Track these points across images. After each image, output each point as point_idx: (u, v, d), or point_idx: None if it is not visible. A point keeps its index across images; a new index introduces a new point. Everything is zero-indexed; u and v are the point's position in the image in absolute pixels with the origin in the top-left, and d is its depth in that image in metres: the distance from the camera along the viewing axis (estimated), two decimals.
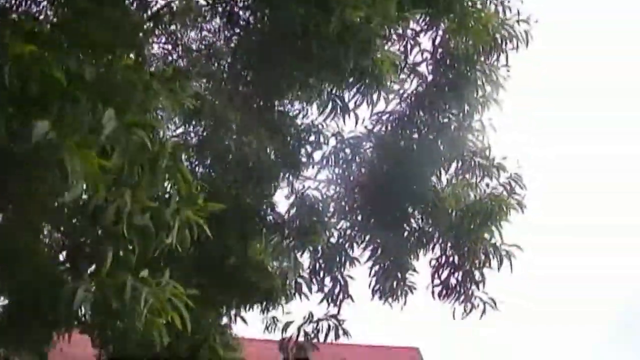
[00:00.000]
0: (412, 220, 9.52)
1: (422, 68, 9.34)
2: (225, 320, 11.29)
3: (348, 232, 9.76)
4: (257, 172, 9.44)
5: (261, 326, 10.80)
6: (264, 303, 10.46)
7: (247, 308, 10.61)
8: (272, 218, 9.83)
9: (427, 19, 8.96)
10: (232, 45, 9.14)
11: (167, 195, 5.33)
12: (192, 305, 5.48)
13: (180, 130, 10.07)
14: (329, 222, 9.80)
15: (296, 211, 9.75)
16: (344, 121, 9.37)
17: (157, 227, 5.04)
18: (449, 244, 9.23)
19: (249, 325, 11.01)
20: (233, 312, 10.85)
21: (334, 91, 9.09)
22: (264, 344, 11.85)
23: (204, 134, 9.97)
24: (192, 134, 10.17)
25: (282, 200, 10.03)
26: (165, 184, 5.41)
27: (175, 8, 8.99)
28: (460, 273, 9.17)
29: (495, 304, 9.10)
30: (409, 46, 9.21)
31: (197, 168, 9.81)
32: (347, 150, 9.65)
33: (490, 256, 8.97)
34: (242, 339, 13.01)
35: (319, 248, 9.71)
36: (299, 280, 9.86)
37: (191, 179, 5.45)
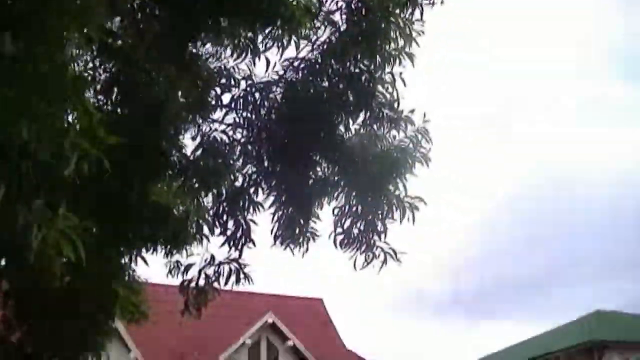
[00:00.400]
0: (318, 169, 9.55)
1: (337, 17, 9.34)
2: (126, 261, 11.19)
3: (253, 176, 9.74)
4: (165, 112, 9.30)
5: (164, 270, 10.73)
6: (168, 246, 10.41)
7: (150, 250, 10.53)
8: (177, 159, 9.73)
9: None
10: None
11: (66, 126, 5.22)
12: (90, 241, 5.40)
13: (89, 66, 9.82)
14: (234, 166, 9.78)
15: (201, 153, 9.69)
16: (254, 64, 9.38)
17: (54, 157, 4.94)
18: (353, 194, 9.28)
19: (152, 269, 10.97)
20: (135, 253, 10.76)
21: (247, 35, 9.05)
22: (167, 289, 11.78)
23: (113, 70, 9.76)
24: (101, 71, 9.95)
25: (188, 142, 9.95)
26: (66, 116, 5.31)
27: None
28: (363, 223, 9.24)
29: (395, 254, 9.21)
30: None
31: (104, 106, 9.61)
32: (257, 95, 9.61)
33: (394, 207, 9.05)
34: (146, 282, 12.95)
35: (223, 191, 9.68)
36: (202, 223, 9.83)
37: (93, 112, 5.35)
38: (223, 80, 9.76)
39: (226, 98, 9.75)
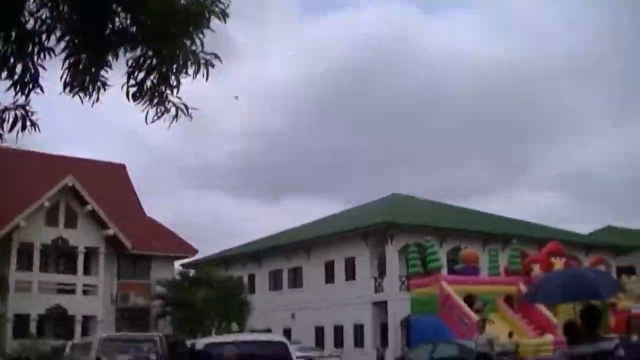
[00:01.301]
0: (117, 19, 9.25)
1: None
2: None
3: (47, 21, 9.31)
4: None
5: None
6: None
7: None
8: None
9: None
10: None
11: None
12: None
13: None
14: (26, 8, 9.31)
15: None
16: None
17: None
18: (149, 46, 9.08)
19: None
20: None
21: None
22: None
23: None
24: None
25: None
26: None
27: None
28: (157, 76, 9.09)
29: (187, 109, 9.15)
30: None
31: None
32: None
33: (189, 63, 8.95)
34: None
35: (12, 34, 9.23)
36: None
37: None
38: None
39: None
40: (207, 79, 8.89)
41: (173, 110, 9.12)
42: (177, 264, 73.69)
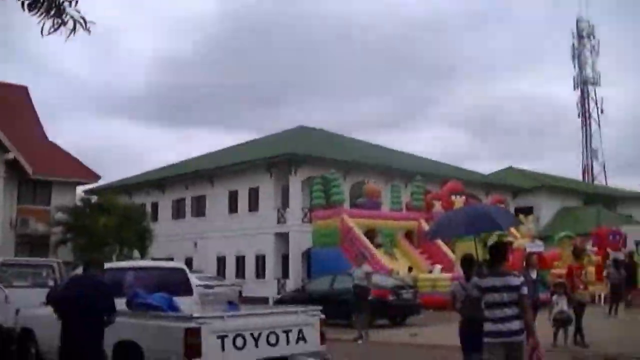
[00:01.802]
0: None
1: None
2: None
3: None
4: None
5: None
6: None
7: None
8: None
9: None
10: None
11: None
12: None
13: None
14: None
15: None
16: None
17: None
18: None
19: None
20: None
21: None
22: None
23: None
24: None
25: None
26: None
27: None
28: None
29: (85, 23, 8.90)
30: None
31: None
32: None
33: None
34: None
35: None
36: None
37: None
38: None
39: None
40: None
41: (71, 23, 8.85)
42: (79, 190, 72.53)
